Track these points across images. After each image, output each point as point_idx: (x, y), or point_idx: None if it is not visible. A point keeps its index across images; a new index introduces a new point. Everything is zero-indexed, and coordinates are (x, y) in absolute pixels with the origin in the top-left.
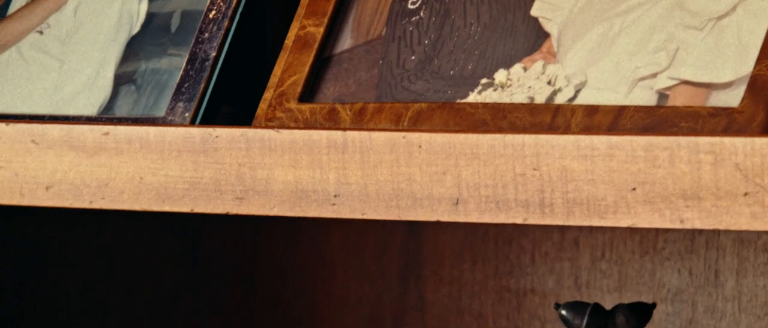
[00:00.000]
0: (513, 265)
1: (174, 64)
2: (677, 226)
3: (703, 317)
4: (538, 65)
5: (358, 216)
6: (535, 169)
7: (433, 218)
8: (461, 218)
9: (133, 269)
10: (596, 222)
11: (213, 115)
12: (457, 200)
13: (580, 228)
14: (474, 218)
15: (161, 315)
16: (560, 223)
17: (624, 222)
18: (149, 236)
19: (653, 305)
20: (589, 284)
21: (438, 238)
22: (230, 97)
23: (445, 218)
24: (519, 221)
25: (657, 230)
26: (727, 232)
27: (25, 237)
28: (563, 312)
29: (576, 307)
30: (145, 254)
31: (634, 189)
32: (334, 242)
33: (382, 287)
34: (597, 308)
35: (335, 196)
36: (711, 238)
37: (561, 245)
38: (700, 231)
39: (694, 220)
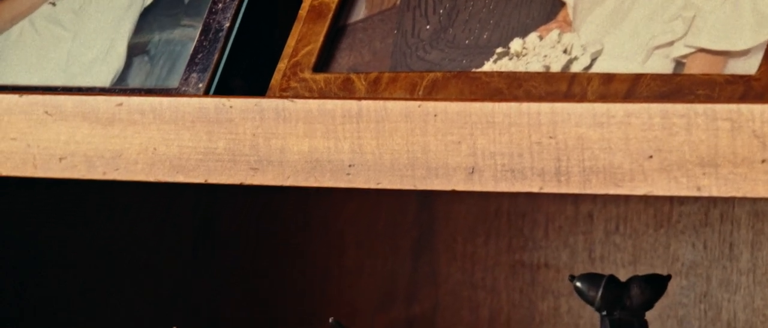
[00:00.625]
0: (526, 239)
1: (187, 35)
2: (694, 193)
3: (718, 290)
4: (554, 34)
5: (373, 185)
6: (551, 137)
7: (449, 188)
8: (477, 187)
9: (144, 243)
10: (612, 190)
11: (226, 87)
12: (473, 168)
13: (594, 202)
14: (490, 186)
15: (172, 290)
16: (576, 191)
17: (640, 190)
18: (160, 211)
19: (668, 277)
20: (603, 257)
21: (451, 213)
22: (244, 68)
23: (461, 187)
24: (535, 189)
25: (671, 202)
26: (742, 204)
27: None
28: (578, 284)
29: (591, 279)
30: (155, 228)
31: (650, 157)
32: (346, 217)
33: (394, 262)
34: (612, 279)
35: (350, 166)
36: (725, 211)
37: (575, 219)
38: (715, 204)
39: (711, 187)
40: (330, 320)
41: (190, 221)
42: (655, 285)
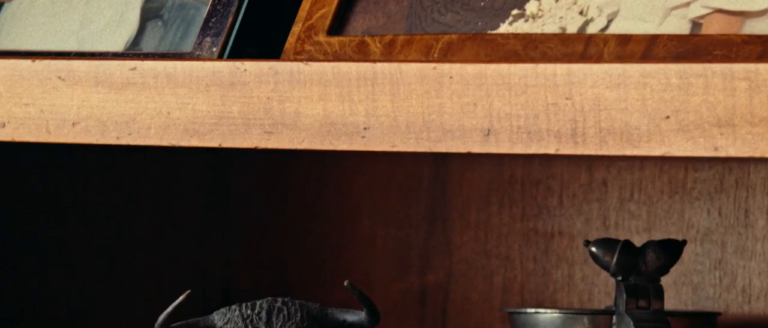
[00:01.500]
0: (540, 207)
1: None
2: (711, 154)
3: (733, 257)
4: None
5: (388, 148)
6: (567, 98)
7: (464, 150)
8: (492, 149)
9: (158, 207)
10: (629, 151)
11: (240, 52)
12: (489, 130)
13: (608, 169)
14: (505, 148)
15: (185, 258)
16: (592, 153)
17: (657, 151)
18: (174, 177)
19: (684, 242)
20: (618, 224)
21: (464, 181)
22: (257, 32)
23: (476, 149)
24: (551, 151)
25: (686, 169)
26: (757, 170)
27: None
28: (593, 249)
29: (606, 244)
30: (170, 193)
31: (667, 117)
32: (359, 186)
33: (408, 230)
34: (627, 244)
35: (365, 129)
36: (741, 177)
37: (589, 186)
38: (730, 170)
39: (729, 147)
40: (345, 283)
41: (202, 187)
42: (671, 250)
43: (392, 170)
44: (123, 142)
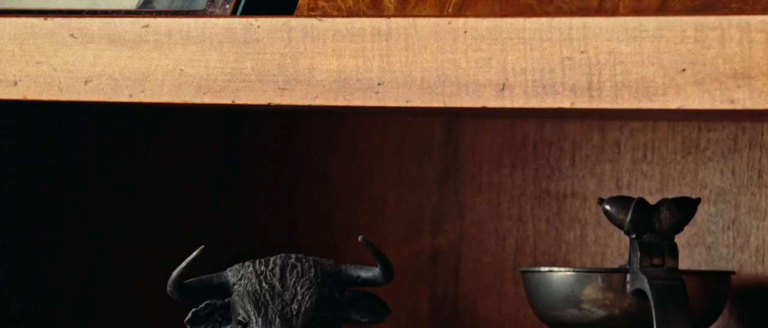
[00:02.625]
0: (553, 168)
1: None
2: (727, 106)
3: (746, 217)
4: None
5: (403, 104)
6: (582, 52)
7: (479, 104)
8: (507, 103)
9: (169, 171)
10: (645, 104)
11: (253, 8)
12: (504, 85)
13: (621, 129)
14: (520, 102)
15: (199, 221)
16: (608, 106)
17: (673, 104)
18: (185, 140)
19: (698, 201)
20: (631, 185)
21: (476, 142)
22: None
23: (491, 103)
24: (566, 105)
25: (699, 129)
26: None
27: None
28: (607, 207)
29: (620, 202)
30: (181, 155)
31: (683, 70)
32: (371, 148)
33: (420, 192)
34: (641, 202)
35: (379, 84)
36: (754, 137)
37: (601, 147)
38: (744, 131)
39: (745, 100)
40: (359, 238)
41: (213, 150)
42: (685, 208)
43: (404, 132)
44: (135, 100)
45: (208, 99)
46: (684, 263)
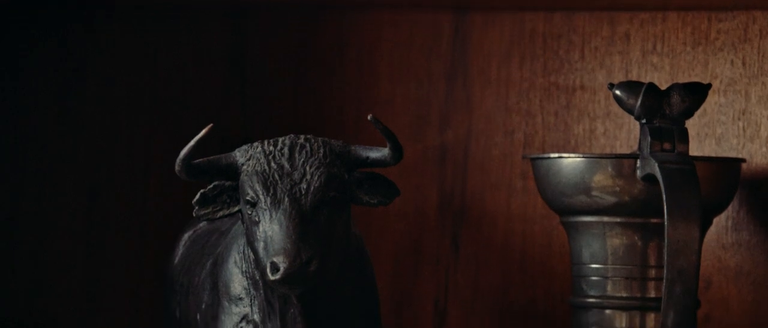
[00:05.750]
0: (562, 61)
1: None
2: None
3: (757, 106)
4: None
5: None
6: None
7: None
8: None
9: (181, 68)
10: None
11: None
12: None
13: (630, 21)
14: None
15: (209, 118)
16: None
17: None
18: (197, 37)
19: (708, 86)
20: (640, 77)
21: (485, 37)
22: None
23: None
24: None
25: (709, 20)
26: None
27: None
28: (617, 92)
29: (630, 86)
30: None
31: None
32: (379, 45)
33: (428, 87)
34: (651, 87)
35: None
36: (765, 26)
37: (611, 39)
38: (754, 20)
39: None
40: (369, 117)
41: (222, 49)
42: (696, 93)
43: (412, 28)
44: None
45: None
46: (694, 154)
